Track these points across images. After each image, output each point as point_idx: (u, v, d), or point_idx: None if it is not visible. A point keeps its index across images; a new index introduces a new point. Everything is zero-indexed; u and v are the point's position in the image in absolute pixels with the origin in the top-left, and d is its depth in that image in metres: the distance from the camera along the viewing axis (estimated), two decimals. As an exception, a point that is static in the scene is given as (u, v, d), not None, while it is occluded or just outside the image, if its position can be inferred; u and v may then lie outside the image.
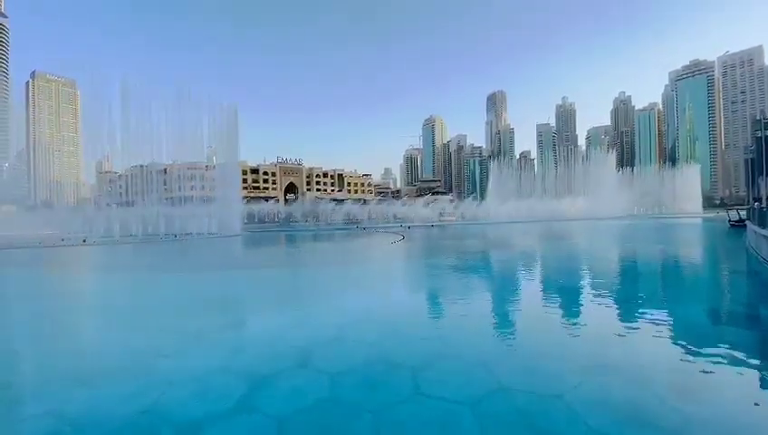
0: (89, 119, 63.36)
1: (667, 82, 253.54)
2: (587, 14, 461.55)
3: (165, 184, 67.02)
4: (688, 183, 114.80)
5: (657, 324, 7.48)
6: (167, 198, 62.96)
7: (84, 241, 41.77)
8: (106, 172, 63.11)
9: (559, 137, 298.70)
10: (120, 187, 60.60)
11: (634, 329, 7.42)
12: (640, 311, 8.71)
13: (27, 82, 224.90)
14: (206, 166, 69.14)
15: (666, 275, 15.19)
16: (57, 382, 5.70)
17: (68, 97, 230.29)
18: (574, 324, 7.98)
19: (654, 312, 8.50)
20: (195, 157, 67.91)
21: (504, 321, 8.67)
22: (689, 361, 5.74)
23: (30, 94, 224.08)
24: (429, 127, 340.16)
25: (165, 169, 68.66)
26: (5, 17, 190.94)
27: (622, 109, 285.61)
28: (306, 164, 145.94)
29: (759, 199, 30.57)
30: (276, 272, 19.67)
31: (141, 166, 66.26)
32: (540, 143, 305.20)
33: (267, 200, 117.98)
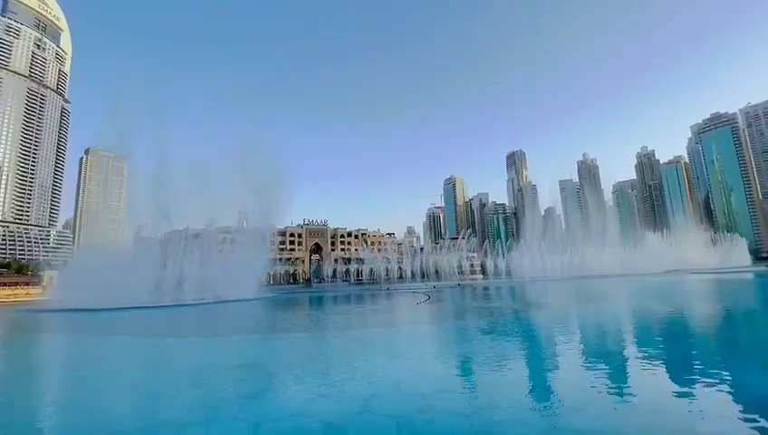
0: (134, 190, 68.30)
1: (690, 136, 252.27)
2: (602, 72, 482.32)
3: (198, 248, 68.70)
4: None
5: None
6: (200, 263, 64.36)
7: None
8: (145, 238, 65.96)
9: (582, 192, 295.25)
10: (156, 252, 62.59)
11: None
12: None
13: (81, 158, 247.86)
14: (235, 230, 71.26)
15: None
16: None
17: (116, 170, 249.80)
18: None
19: None
20: (228, 221, 70.56)
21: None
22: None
23: (83, 168, 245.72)
24: (450, 186, 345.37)
25: (198, 235, 71.09)
26: (68, 103, 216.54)
27: (647, 163, 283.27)
28: (331, 225, 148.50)
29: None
30: (306, 337, 19.05)
31: (179, 231, 69.12)
32: (564, 199, 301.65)
33: (293, 261, 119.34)
